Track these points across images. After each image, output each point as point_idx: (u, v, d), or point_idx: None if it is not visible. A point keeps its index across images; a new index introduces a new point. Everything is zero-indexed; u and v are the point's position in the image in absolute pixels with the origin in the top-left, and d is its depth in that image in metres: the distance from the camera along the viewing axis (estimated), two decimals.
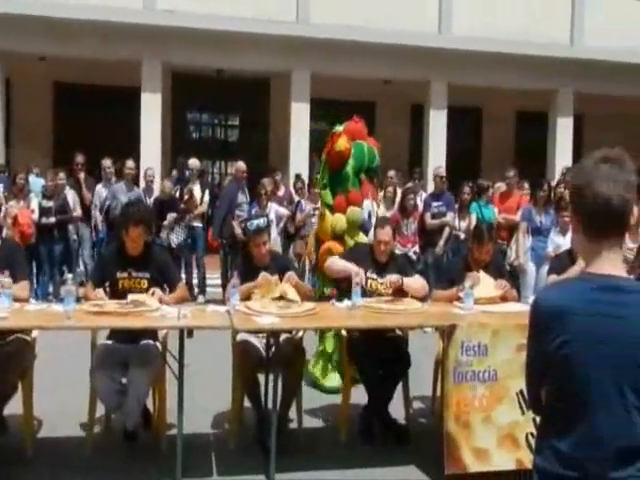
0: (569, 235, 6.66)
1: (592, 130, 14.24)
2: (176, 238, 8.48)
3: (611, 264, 1.61)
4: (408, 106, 14.30)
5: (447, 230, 8.43)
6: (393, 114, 14.24)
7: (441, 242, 8.36)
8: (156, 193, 9.28)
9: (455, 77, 12.67)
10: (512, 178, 8.53)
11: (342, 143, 5.32)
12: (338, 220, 5.35)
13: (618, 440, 1.55)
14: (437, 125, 12.99)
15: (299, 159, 12.32)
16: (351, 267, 4.44)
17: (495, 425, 3.85)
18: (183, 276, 8.00)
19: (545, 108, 13.74)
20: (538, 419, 1.77)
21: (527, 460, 3.77)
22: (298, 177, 10.16)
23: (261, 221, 4.46)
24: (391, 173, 9.21)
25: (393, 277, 4.50)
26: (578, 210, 1.65)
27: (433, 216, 8.47)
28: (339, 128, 5.48)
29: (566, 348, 1.58)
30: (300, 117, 12.51)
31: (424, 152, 13.16)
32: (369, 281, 4.54)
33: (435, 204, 8.54)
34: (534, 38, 12.33)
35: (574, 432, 1.58)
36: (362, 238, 5.34)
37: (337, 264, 4.65)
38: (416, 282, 4.63)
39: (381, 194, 8.24)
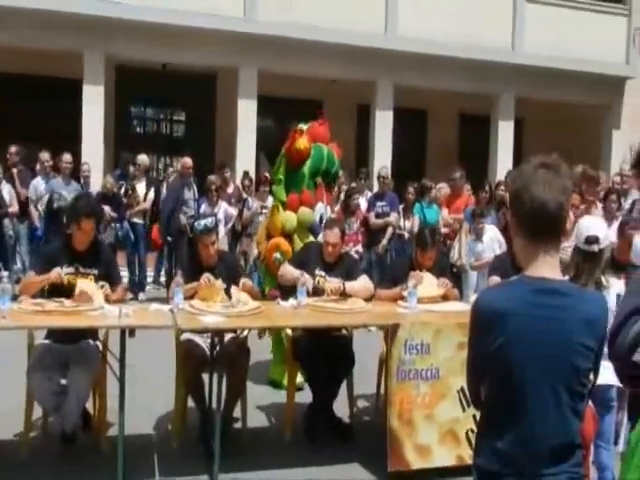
0: (486, 239, 6.89)
1: (531, 134, 14.69)
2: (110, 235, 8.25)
3: (548, 267, 1.67)
4: (355, 106, 14.40)
5: (390, 230, 8.62)
6: (340, 113, 14.31)
7: (384, 241, 8.55)
8: (96, 188, 9.06)
9: (401, 78, 12.83)
10: (459, 179, 8.68)
11: (302, 142, 5.24)
12: (289, 218, 5.33)
13: (552, 438, 1.61)
14: (383, 126, 13.13)
15: (246, 156, 12.26)
16: (300, 278, 4.39)
17: (437, 422, 3.93)
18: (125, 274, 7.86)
19: (488, 111, 14.08)
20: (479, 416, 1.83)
21: (467, 456, 3.87)
22: (246, 174, 10.10)
23: (209, 221, 4.38)
24: (339, 172, 9.29)
25: (333, 284, 4.46)
26: (517, 213, 1.70)
27: (377, 216, 8.64)
28: (303, 126, 5.41)
29: (504, 348, 1.63)
30: (247, 114, 12.44)
31: (370, 152, 13.28)
32: (317, 278, 4.56)
33: (379, 204, 8.73)
34: (477, 42, 12.60)
35: (511, 430, 1.64)
36: (310, 240, 5.33)
37: (288, 275, 4.58)
38: (359, 284, 4.62)
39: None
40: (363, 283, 4.67)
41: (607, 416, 3.31)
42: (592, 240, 3.20)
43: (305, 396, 4.45)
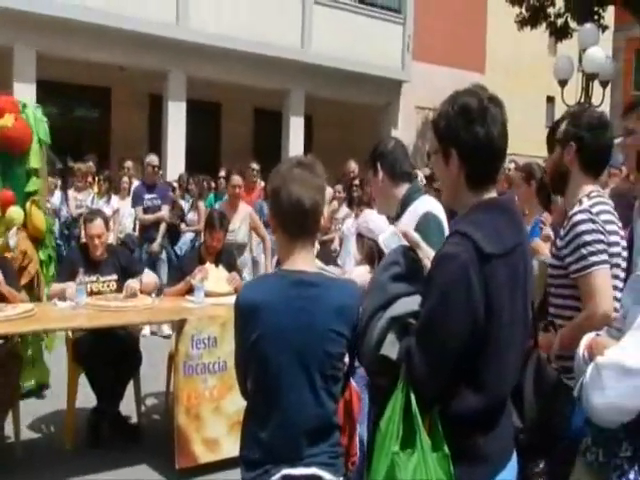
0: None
1: (320, 130, 15.40)
2: None
3: (303, 261, 1.76)
4: (146, 95, 13.93)
5: (163, 225, 7.65)
6: (130, 102, 13.76)
7: (158, 238, 7.49)
8: None
9: (194, 70, 12.66)
10: (255, 171, 8.65)
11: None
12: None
13: (310, 421, 1.71)
14: (176, 117, 12.86)
15: None
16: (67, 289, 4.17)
17: (225, 414, 3.96)
18: None
19: (280, 107, 14.47)
20: None
21: None
22: None
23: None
24: (128, 164, 8.88)
25: (130, 286, 4.31)
26: (275, 210, 1.77)
27: (146, 210, 7.54)
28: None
29: (260, 341, 1.69)
30: (24, 99, 11.38)
31: (162, 144, 12.94)
32: (88, 285, 4.27)
33: (148, 196, 7.58)
34: (269, 39, 12.87)
35: (270, 419, 1.71)
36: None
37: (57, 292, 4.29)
38: (148, 277, 4.54)
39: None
40: (151, 275, 4.59)
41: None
42: None
43: (88, 400, 4.21)
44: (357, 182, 6.92)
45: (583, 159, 2.30)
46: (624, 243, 2.29)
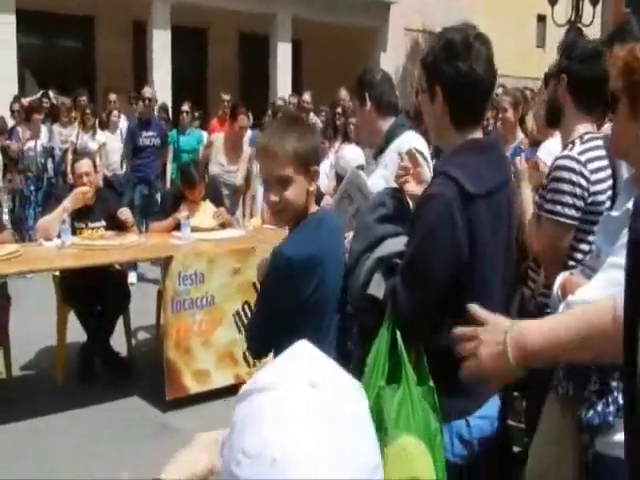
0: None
1: (309, 55, 14.98)
2: None
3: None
4: (130, 23, 13.48)
5: (169, 168, 7.58)
6: (113, 31, 13.32)
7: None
8: None
9: None
10: (226, 102, 8.41)
11: None
12: None
13: None
14: (160, 45, 12.48)
15: (7, 77, 10.91)
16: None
17: (214, 347, 4.06)
18: None
19: (266, 31, 14.04)
20: None
21: (244, 374, 4.09)
22: (16, 99, 8.96)
23: None
24: (112, 97, 8.66)
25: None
26: None
27: (143, 148, 7.13)
28: None
29: (320, 286, 1.79)
30: (4, 30, 11.02)
31: (148, 73, 12.63)
32: (77, 232, 4.25)
33: (145, 134, 7.14)
34: None
35: None
36: None
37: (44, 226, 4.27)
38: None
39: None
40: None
41: None
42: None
43: (79, 335, 4.30)
44: (340, 110, 6.71)
45: (575, 92, 2.21)
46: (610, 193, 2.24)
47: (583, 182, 2.10)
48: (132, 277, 6.20)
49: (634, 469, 0.91)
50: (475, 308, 1.25)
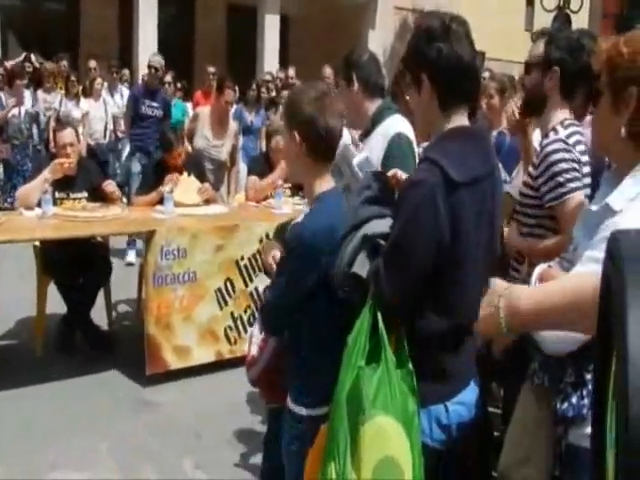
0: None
1: (297, 31, 14.78)
2: None
3: (329, 182, 1.94)
4: None
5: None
6: None
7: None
8: None
9: None
10: (211, 75, 8.28)
11: None
12: None
13: None
14: (147, 13, 12.21)
15: None
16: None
17: (195, 323, 4.05)
18: None
19: (255, 3, 13.81)
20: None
21: (226, 351, 4.11)
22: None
23: None
24: (92, 63, 8.48)
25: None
26: (311, 137, 1.86)
27: (142, 117, 6.65)
28: None
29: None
30: None
31: (134, 43, 12.39)
32: (58, 202, 4.20)
33: (148, 102, 6.66)
34: None
35: None
36: None
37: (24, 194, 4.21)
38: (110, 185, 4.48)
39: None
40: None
41: None
42: None
43: (60, 307, 4.27)
44: None
45: (565, 85, 2.21)
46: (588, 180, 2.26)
47: (576, 158, 2.14)
48: (131, 256, 6.08)
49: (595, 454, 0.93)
50: None
